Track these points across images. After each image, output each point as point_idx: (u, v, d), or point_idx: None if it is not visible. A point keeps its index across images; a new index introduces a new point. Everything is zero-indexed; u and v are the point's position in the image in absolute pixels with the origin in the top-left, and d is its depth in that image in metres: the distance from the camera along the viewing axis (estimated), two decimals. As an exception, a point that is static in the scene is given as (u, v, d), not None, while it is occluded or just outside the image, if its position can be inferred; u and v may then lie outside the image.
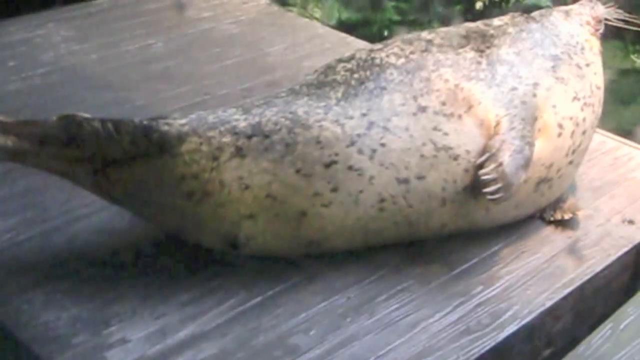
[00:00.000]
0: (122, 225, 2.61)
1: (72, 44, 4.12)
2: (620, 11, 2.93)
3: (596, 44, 2.83)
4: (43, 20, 4.37)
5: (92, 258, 2.49)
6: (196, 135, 2.28)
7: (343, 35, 4.43)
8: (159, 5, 4.68)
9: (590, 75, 2.70)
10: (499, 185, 2.29)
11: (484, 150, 2.36)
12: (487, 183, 2.30)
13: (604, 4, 2.96)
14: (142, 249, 2.53)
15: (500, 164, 2.31)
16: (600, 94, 2.74)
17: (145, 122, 2.29)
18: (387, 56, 2.49)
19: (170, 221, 2.39)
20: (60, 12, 4.50)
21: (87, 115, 2.30)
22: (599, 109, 2.75)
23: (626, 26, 2.93)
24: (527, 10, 2.84)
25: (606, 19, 2.91)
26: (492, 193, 2.29)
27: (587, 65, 2.71)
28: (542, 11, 2.88)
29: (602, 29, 2.90)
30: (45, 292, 2.34)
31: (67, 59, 3.96)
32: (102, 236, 2.59)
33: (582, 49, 2.74)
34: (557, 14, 2.83)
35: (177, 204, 2.30)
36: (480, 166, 2.33)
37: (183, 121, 2.32)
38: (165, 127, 2.28)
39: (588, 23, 2.85)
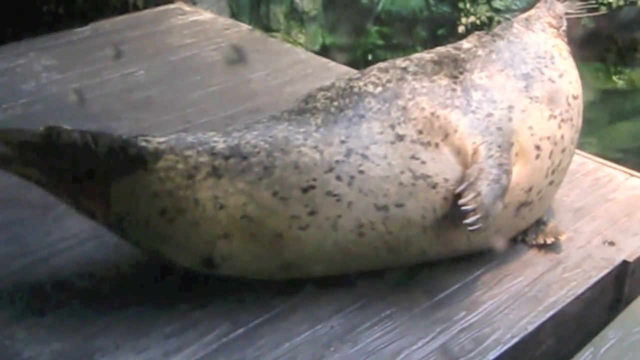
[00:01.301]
0: (104, 258, 2.61)
1: (54, 73, 4.12)
2: (577, 2, 2.93)
3: (564, 46, 2.83)
4: (24, 49, 4.36)
5: (74, 291, 2.48)
6: (173, 154, 2.31)
7: (325, 60, 4.45)
8: (140, 33, 4.70)
9: (565, 86, 2.69)
10: (478, 216, 2.29)
11: (462, 179, 2.38)
12: (467, 214, 2.30)
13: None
14: (124, 281, 2.53)
15: (479, 194, 2.32)
16: (578, 104, 2.73)
17: (124, 137, 2.33)
18: (365, 85, 2.51)
19: (145, 239, 2.39)
20: (41, 41, 4.50)
21: (68, 127, 2.32)
22: (578, 121, 2.73)
23: (587, 14, 2.94)
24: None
25: (566, 14, 2.91)
26: (471, 224, 2.30)
27: (560, 76, 2.70)
28: (503, 25, 2.89)
29: (564, 25, 2.89)
30: (27, 327, 2.33)
31: (48, 88, 3.96)
32: (84, 268, 2.58)
33: (552, 57, 2.74)
34: (517, 26, 2.83)
35: (151, 220, 2.31)
36: (459, 195, 2.34)
37: (162, 139, 2.35)
38: (143, 144, 2.32)
39: (550, 24, 2.86)
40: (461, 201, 2.32)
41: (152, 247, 2.40)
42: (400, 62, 2.63)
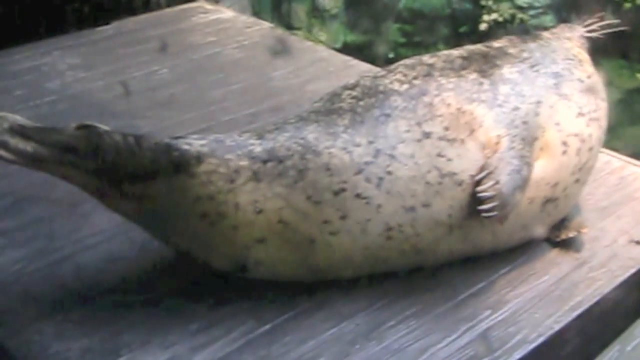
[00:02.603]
0: (130, 254, 2.63)
1: (78, 71, 4.17)
2: (597, 21, 2.92)
3: (587, 57, 2.83)
4: (49, 48, 4.41)
5: (101, 287, 2.50)
6: (214, 157, 2.29)
7: (347, 58, 4.45)
8: (163, 31, 4.73)
9: (594, 86, 2.69)
10: (495, 204, 2.30)
11: (482, 168, 2.37)
12: (483, 201, 2.31)
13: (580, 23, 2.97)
14: (150, 277, 2.55)
15: (498, 182, 2.32)
16: (605, 107, 2.73)
17: (166, 140, 2.31)
18: (391, 82, 2.50)
19: (182, 241, 2.38)
20: (65, 39, 4.55)
21: (106, 127, 2.29)
22: (605, 123, 2.73)
23: (607, 30, 2.93)
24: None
25: (587, 33, 2.92)
26: (487, 211, 2.30)
27: (589, 77, 2.71)
28: (532, 34, 2.90)
29: (586, 44, 2.91)
30: (55, 323, 2.35)
31: (73, 86, 4.00)
32: (111, 265, 2.60)
33: (580, 61, 2.75)
34: (546, 34, 2.85)
35: (191, 224, 2.31)
36: (478, 183, 2.34)
37: (202, 142, 2.33)
38: (186, 147, 2.30)
39: (571, 39, 2.86)
40: (479, 188, 2.33)
41: (186, 249, 2.40)
42: (427, 58, 2.62)
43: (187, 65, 4.29)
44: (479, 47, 2.73)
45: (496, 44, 2.75)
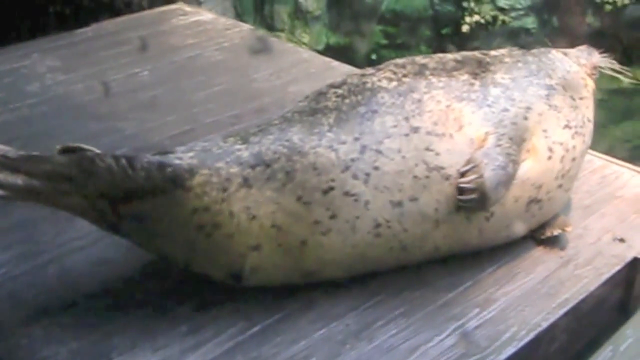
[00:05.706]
0: (117, 257, 2.60)
1: (58, 74, 4.11)
2: (615, 62, 2.98)
3: (591, 84, 2.87)
4: (27, 50, 4.36)
5: (88, 290, 2.48)
6: (205, 168, 2.28)
7: (328, 59, 4.46)
8: (142, 33, 4.69)
9: (582, 107, 2.74)
10: (473, 196, 2.35)
11: (467, 162, 2.41)
12: (464, 191, 2.35)
13: (600, 53, 3.01)
14: (138, 279, 2.53)
15: (481, 176, 2.36)
16: (590, 127, 2.79)
17: (157, 157, 2.29)
18: (379, 80, 2.52)
19: (178, 254, 2.37)
20: (44, 42, 4.49)
21: (95, 150, 2.26)
22: (588, 141, 2.79)
23: (618, 75, 2.99)
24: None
25: (600, 67, 2.96)
26: (464, 202, 2.35)
27: (581, 98, 2.75)
28: (541, 49, 2.93)
29: (597, 75, 2.96)
30: (43, 326, 2.33)
31: (53, 89, 3.96)
32: (97, 268, 2.58)
33: (577, 85, 2.78)
34: (555, 53, 2.87)
35: (188, 237, 2.29)
36: (462, 175, 2.38)
37: (190, 153, 2.32)
38: (177, 161, 2.28)
39: (585, 65, 2.89)
40: (461, 179, 2.37)
41: (184, 261, 2.38)
42: (419, 58, 2.65)
43: (168, 68, 4.26)
44: (475, 53, 2.77)
45: (494, 52, 2.79)
